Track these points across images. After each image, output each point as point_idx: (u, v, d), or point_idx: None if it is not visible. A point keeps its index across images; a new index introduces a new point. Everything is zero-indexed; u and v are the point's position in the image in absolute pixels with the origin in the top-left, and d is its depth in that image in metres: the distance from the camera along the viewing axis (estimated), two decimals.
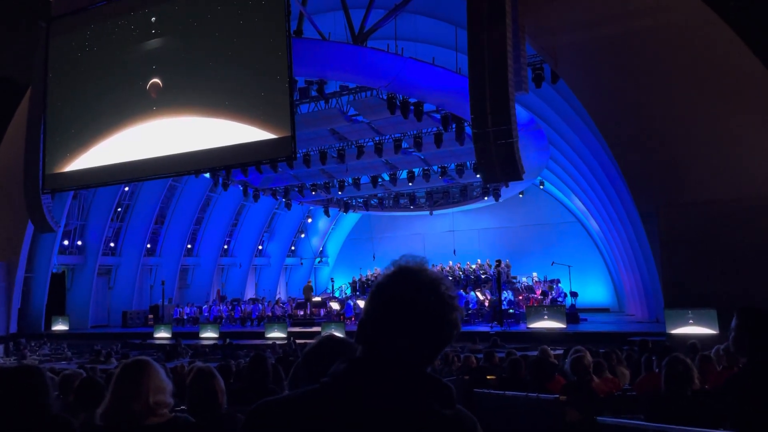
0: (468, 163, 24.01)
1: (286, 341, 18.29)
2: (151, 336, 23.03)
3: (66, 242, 27.14)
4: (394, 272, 1.42)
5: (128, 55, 17.77)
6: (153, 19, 17.43)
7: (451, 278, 23.38)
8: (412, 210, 31.28)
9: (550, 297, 21.63)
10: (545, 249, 28.31)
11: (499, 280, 20.84)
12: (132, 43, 17.73)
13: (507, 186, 23.13)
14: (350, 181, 27.11)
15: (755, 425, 2.87)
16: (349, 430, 1.27)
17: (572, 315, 20.14)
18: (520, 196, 28.94)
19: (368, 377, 1.32)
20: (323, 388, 1.34)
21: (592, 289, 27.67)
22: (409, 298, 1.36)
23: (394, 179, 26.51)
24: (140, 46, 17.58)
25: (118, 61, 17.92)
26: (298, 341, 17.44)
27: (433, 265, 20.33)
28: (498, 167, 12.68)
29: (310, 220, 35.36)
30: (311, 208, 33.75)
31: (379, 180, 26.79)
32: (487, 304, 21.83)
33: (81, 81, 18.60)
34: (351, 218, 36.75)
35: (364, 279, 28.50)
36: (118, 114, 17.79)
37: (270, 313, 25.25)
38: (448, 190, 29.17)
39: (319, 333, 18.06)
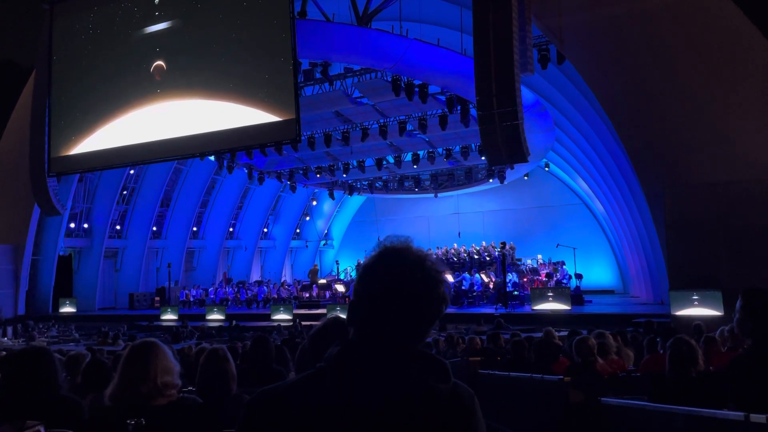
0: (473, 145, 23.93)
1: (291, 323, 18.41)
2: (157, 318, 23.20)
3: (72, 225, 27.26)
4: (379, 252, 1.43)
5: (132, 38, 17.72)
6: (156, 0, 17.34)
7: (455, 260, 23.51)
8: (416, 192, 31.25)
9: (555, 279, 21.64)
10: (550, 231, 28.28)
11: (503, 263, 20.86)
12: (135, 25, 17.67)
13: (512, 168, 23.11)
14: (355, 163, 27.04)
15: (759, 406, 2.88)
16: (347, 413, 1.28)
17: (577, 297, 20.15)
18: (525, 178, 28.84)
19: (361, 358, 1.33)
20: (319, 373, 1.35)
21: (596, 271, 27.66)
22: (395, 275, 1.37)
23: (398, 162, 26.45)
24: (144, 28, 17.52)
25: (122, 43, 17.87)
26: (303, 323, 17.54)
27: (438, 248, 20.44)
28: (503, 149, 12.64)
29: (314, 203, 35.40)
30: (316, 190, 33.77)
31: (384, 162, 26.73)
32: (491, 286, 21.86)
33: (85, 63, 18.57)
34: (356, 201, 36.74)
35: None
36: (123, 96, 17.78)
37: (276, 296, 25.36)
38: (452, 173, 29.10)
39: (324, 315, 18.16)
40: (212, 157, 24.71)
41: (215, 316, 22.38)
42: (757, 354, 2.96)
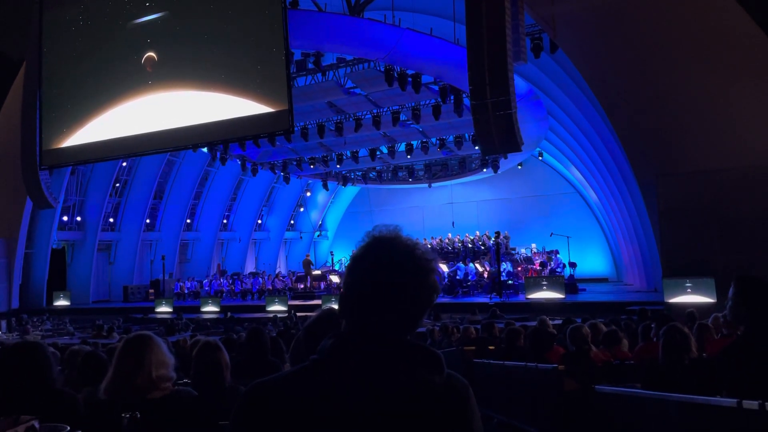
0: (466, 135, 23.91)
1: (286, 314, 18.41)
2: (152, 310, 23.17)
3: (65, 218, 27.16)
4: (368, 243, 1.42)
5: (122, 29, 17.58)
6: None
7: (450, 250, 23.50)
8: (410, 183, 31.24)
9: (549, 268, 21.70)
10: (544, 220, 28.36)
11: (498, 252, 20.90)
12: (126, 17, 17.53)
13: (506, 157, 23.10)
14: (348, 154, 27.01)
15: (751, 393, 2.90)
16: (341, 406, 1.27)
17: (571, 285, 20.23)
18: (519, 167, 28.87)
19: (354, 351, 1.33)
20: (312, 365, 1.35)
21: (590, 259, 27.77)
22: (384, 266, 1.36)
23: (392, 152, 26.41)
24: (134, 19, 17.39)
25: (113, 34, 17.73)
26: (298, 314, 17.56)
27: (432, 237, 20.42)
28: (497, 138, 12.63)
29: (308, 194, 35.35)
30: (310, 181, 33.72)
31: (378, 153, 26.70)
32: (486, 275, 21.92)
33: (76, 55, 18.43)
34: (350, 191, 36.70)
35: None
36: (114, 88, 17.67)
37: (270, 287, 25.36)
38: (446, 163, 29.09)
39: (319, 306, 18.15)
40: (205, 149, 24.62)
41: (210, 308, 22.38)
42: (749, 341, 2.98)
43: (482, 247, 25.57)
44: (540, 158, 28.65)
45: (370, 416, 1.27)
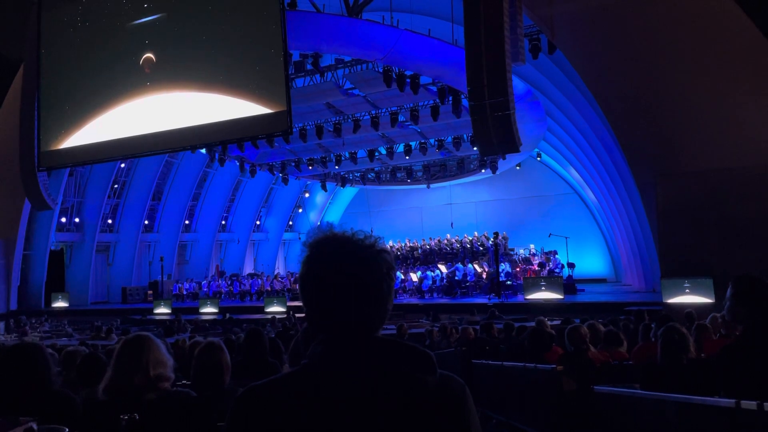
0: (465, 135, 23.94)
1: (285, 315, 18.39)
2: (150, 312, 23.16)
3: (64, 219, 27.14)
4: (307, 255, 1.40)
5: (121, 30, 17.56)
6: None
7: (448, 251, 23.50)
8: (409, 183, 31.24)
9: (548, 268, 21.71)
10: (542, 221, 28.37)
11: (496, 253, 20.90)
12: (124, 18, 17.52)
13: (504, 158, 23.12)
14: (347, 155, 27.01)
15: (749, 393, 2.90)
16: (335, 408, 1.27)
17: (569, 286, 20.23)
18: (518, 168, 28.90)
19: (345, 353, 1.32)
20: (304, 370, 1.34)
21: (589, 260, 27.79)
22: (333, 263, 1.35)
23: (390, 153, 26.43)
24: (133, 20, 17.37)
25: (111, 35, 17.72)
26: (297, 315, 17.54)
27: (431, 238, 20.40)
28: (495, 139, 12.63)
29: (307, 195, 35.34)
30: (308, 182, 33.72)
31: (376, 154, 26.71)
32: (484, 276, 21.92)
33: (74, 56, 18.41)
34: (348, 192, 36.72)
35: None
36: (112, 90, 17.65)
37: (269, 288, 25.35)
38: (445, 163, 29.11)
39: None
40: (203, 150, 24.61)
41: (208, 310, 22.36)
42: (748, 341, 2.98)
43: (481, 248, 25.57)
44: (538, 159, 28.68)
45: (363, 420, 1.27)
